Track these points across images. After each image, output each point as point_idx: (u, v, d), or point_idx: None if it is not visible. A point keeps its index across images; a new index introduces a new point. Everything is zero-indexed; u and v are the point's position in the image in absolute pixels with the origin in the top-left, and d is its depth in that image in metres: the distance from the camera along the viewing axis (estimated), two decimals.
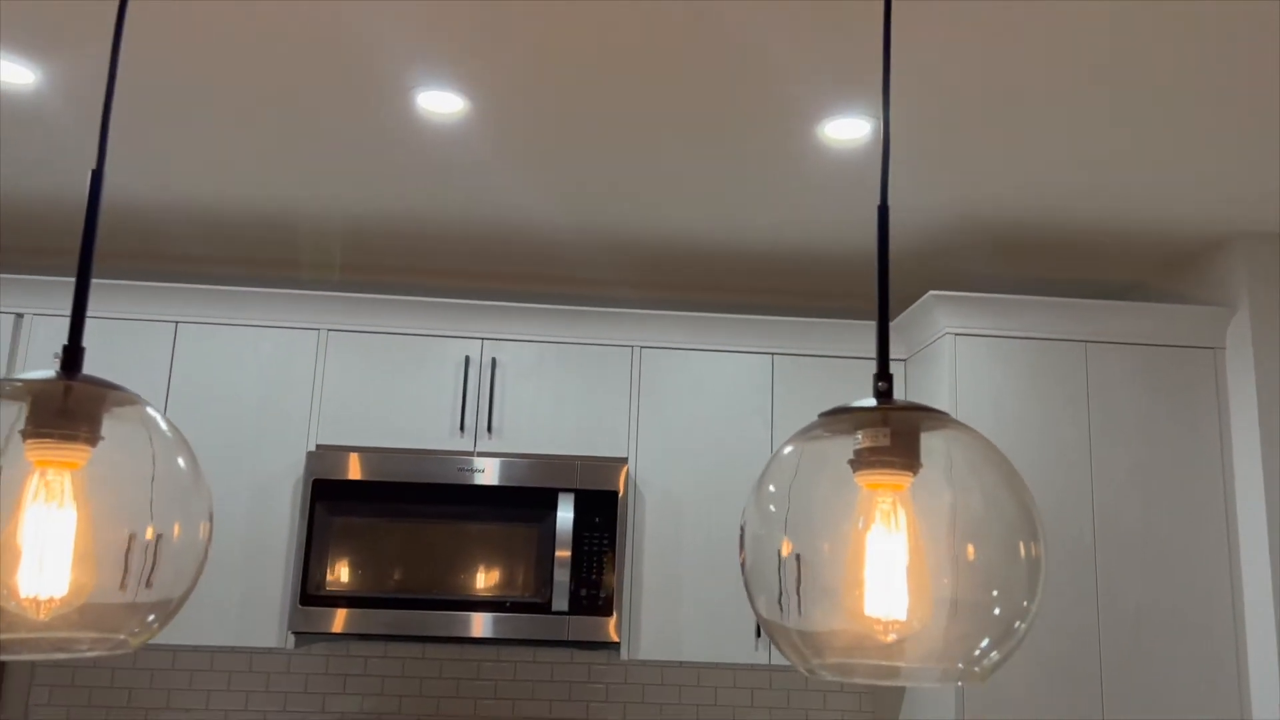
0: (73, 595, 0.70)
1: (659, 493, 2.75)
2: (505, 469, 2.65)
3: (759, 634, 2.67)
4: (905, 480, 0.74)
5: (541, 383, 2.80)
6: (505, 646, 2.96)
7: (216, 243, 2.86)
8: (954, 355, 2.55)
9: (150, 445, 0.74)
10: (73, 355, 0.75)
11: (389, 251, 2.88)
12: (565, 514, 2.63)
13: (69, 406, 0.71)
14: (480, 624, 2.55)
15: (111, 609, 0.71)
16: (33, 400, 0.71)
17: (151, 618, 0.72)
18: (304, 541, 2.57)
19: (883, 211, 0.81)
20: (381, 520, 2.60)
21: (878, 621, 0.71)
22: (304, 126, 2.12)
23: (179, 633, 2.56)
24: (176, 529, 0.73)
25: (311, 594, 2.54)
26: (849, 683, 2.28)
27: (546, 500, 2.64)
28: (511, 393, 2.79)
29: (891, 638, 0.70)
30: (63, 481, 0.71)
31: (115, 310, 2.72)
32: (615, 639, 2.57)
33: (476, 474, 2.65)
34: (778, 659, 2.67)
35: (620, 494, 2.66)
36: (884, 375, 0.77)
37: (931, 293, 2.55)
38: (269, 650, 2.90)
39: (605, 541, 2.63)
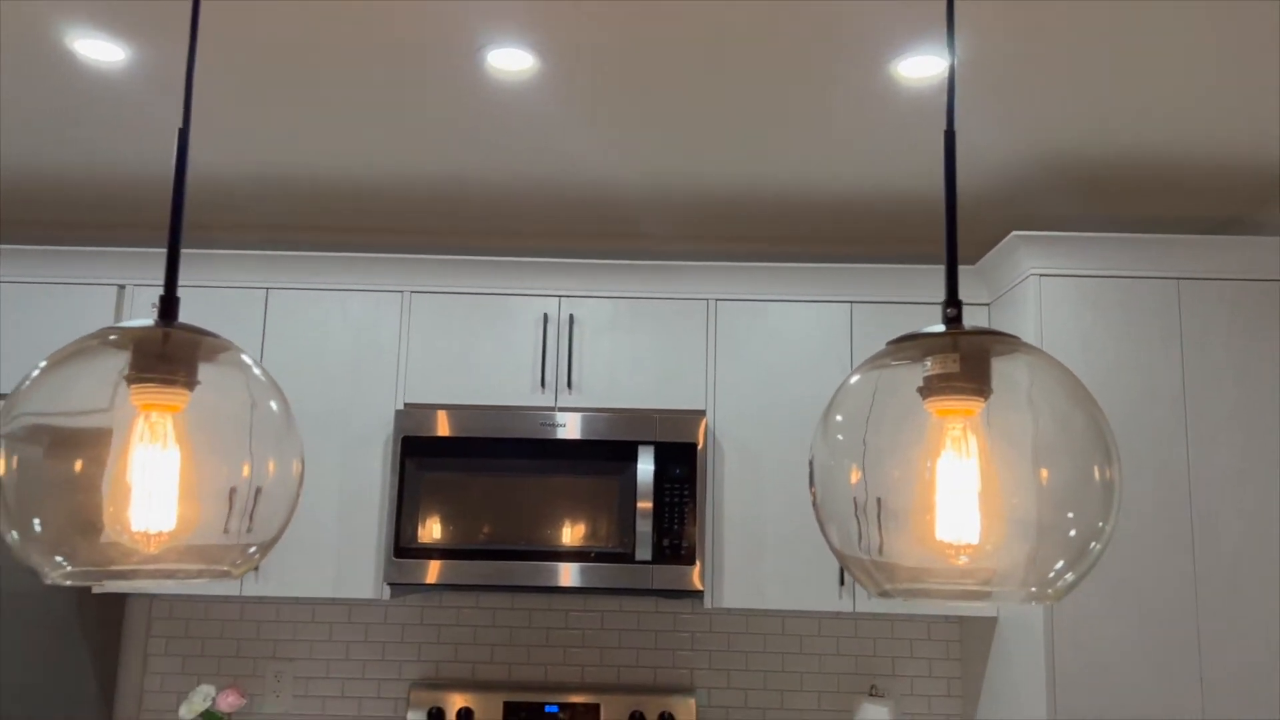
0: (179, 529, 0.75)
1: (738, 444, 2.76)
2: (585, 423, 2.70)
3: (843, 581, 2.68)
4: (976, 405, 0.74)
5: (619, 338, 2.83)
6: (592, 596, 3.02)
7: (301, 210, 2.95)
8: (1039, 297, 2.49)
9: (244, 388, 0.79)
10: (169, 305, 0.80)
11: (466, 213, 2.93)
12: (646, 466, 2.67)
13: (167, 352, 0.76)
14: (566, 574, 2.61)
15: (216, 541, 0.76)
16: (135, 347, 0.76)
17: (252, 549, 0.77)
18: (396, 496, 2.66)
19: (949, 136, 0.80)
20: (468, 475, 2.67)
21: (949, 546, 0.72)
22: (377, 91, 2.17)
23: (282, 586, 2.69)
24: (272, 466, 0.78)
25: (405, 547, 2.63)
26: (923, 606, 2.26)
27: (627, 453, 2.68)
28: (589, 348, 2.82)
29: (963, 561, 0.71)
30: (165, 423, 0.76)
31: (209, 279, 2.83)
32: (698, 587, 2.61)
33: (558, 429, 2.70)
34: (863, 606, 2.68)
35: (699, 446, 2.68)
36: (953, 301, 0.76)
37: (1014, 233, 2.48)
38: (367, 602, 3.01)
39: (686, 492, 2.65)
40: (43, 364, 0.77)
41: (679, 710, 2.87)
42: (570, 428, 2.70)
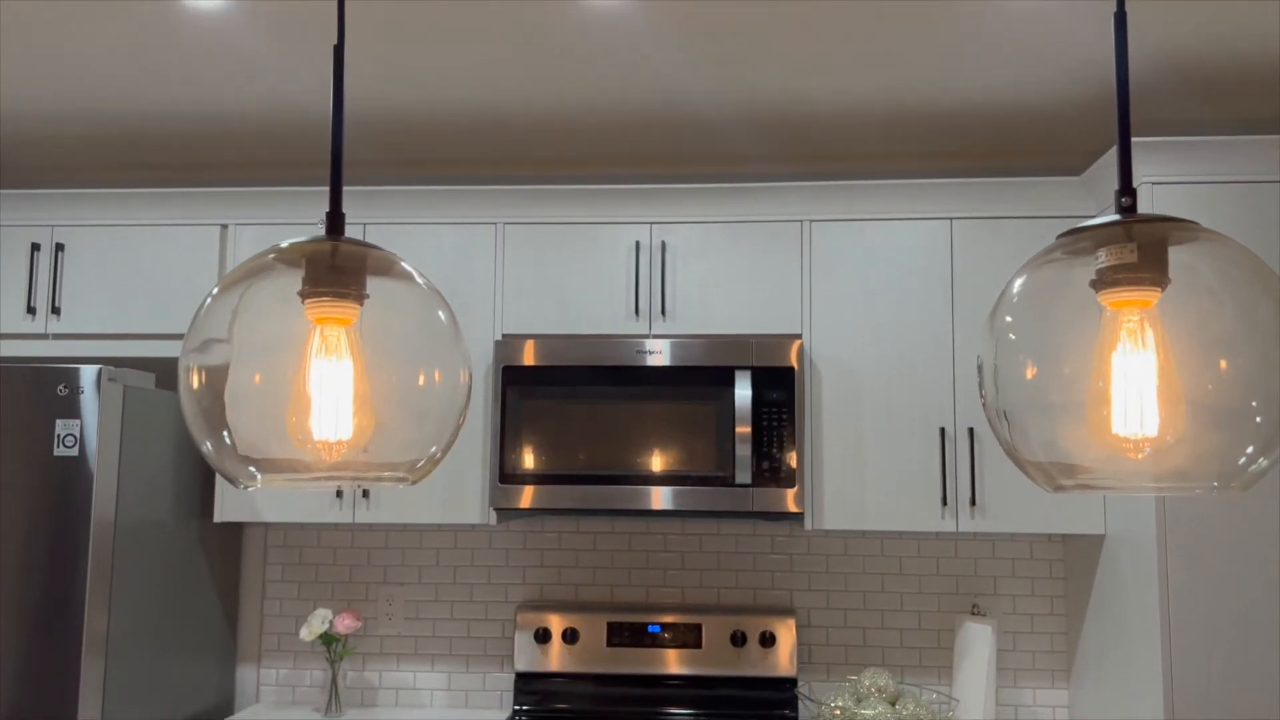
0: (357, 438, 0.77)
1: (836, 366, 2.74)
2: (681, 350, 2.70)
3: (945, 501, 2.66)
4: (1152, 296, 0.72)
5: (712, 263, 2.81)
6: (690, 520, 3.06)
7: (393, 146, 2.97)
8: (1151, 206, 2.40)
9: (412, 299, 0.80)
10: (335, 220, 0.81)
11: (557, 142, 2.92)
12: (743, 391, 2.67)
13: (338, 265, 0.77)
14: (666, 497, 2.64)
15: (393, 448, 0.78)
16: (307, 262, 0.78)
17: (428, 455, 0.79)
18: (499, 425, 2.71)
19: (1119, 18, 0.76)
20: (568, 403, 2.71)
21: (1127, 440, 0.70)
22: (467, 20, 2.16)
23: (393, 513, 2.77)
24: (438, 375, 0.80)
25: (509, 473, 2.69)
26: (1098, 493, 2.22)
27: (724, 378, 2.68)
28: (682, 275, 2.82)
29: (1143, 455, 0.69)
30: (339, 336, 0.78)
31: (307, 215, 2.89)
32: (798, 510, 2.62)
33: (653, 355, 2.71)
34: (965, 526, 2.66)
35: (796, 369, 2.67)
36: (1127, 190, 0.74)
37: None
38: (472, 527, 3.10)
39: (784, 416, 2.65)
40: (220, 283, 0.80)
41: (780, 630, 2.91)
42: (665, 354, 2.71)
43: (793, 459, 2.63)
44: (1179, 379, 0.71)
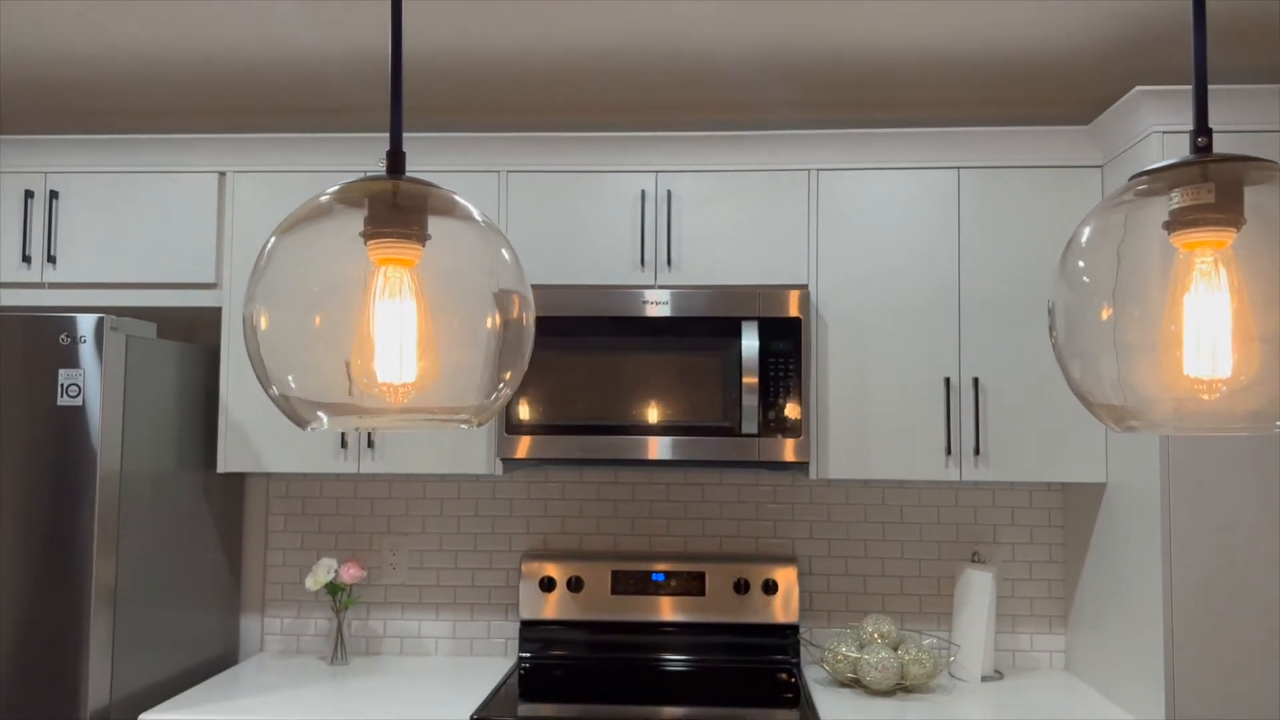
0: (422, 380, 0.76)
1: (842, 316, 2.74)
2: (687, 300, 2.69)
3: (949, 451, 2.68)
4: (1227, 237, 0.72)
5: (718, 213, 2.79)
6: (693, 470, 3.08)
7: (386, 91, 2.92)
8: (1162, 156, 2.39)
9: (474, 238, 0.79)
10: (396, 159, 0.80)
11: (561, 89, 2.88)
12: (750, 342, 2.67)
13: (400, 204, 0.76)
14: (673, 447, 2.65)
15: (457, 390, 0.77)
16: (370, 202, 0.76)
17: (498, 391, 0.78)
18: None
19: None
20: (573, 354, 2.70)
21: (1200, 381, 0.71)
22: None
23: (399, 463, 2.77)
24: (498, 317, 0.79)
25: (515, 424, 2.69)
26: (1172, 434, 2.24)
27: (730, 329, 2.68)
28: (689, 224, 2.80)
29: (1216, 395, 0.70)
30: (402, 277, 0.77)
31: (322, 164, 2.84)
32: (803, 460, 2.63)
33: (659, 306, 2.70)
34: (969, 475, 2.69)
35: (802, 320, 2.67)
36: (1202, 130, 0.73)
37: (1139, 88, 2.38)
38: (475, 478, 3.10)
39: (790, 366, 2.66)
40: (283, 226, 0.78)
41: (782, 578, 2.94)
42: (671, 305, 2.70)
43: (798, 409, 2.64)
44: (1253, 319, 0.71)
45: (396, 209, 0.76)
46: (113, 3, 2.34)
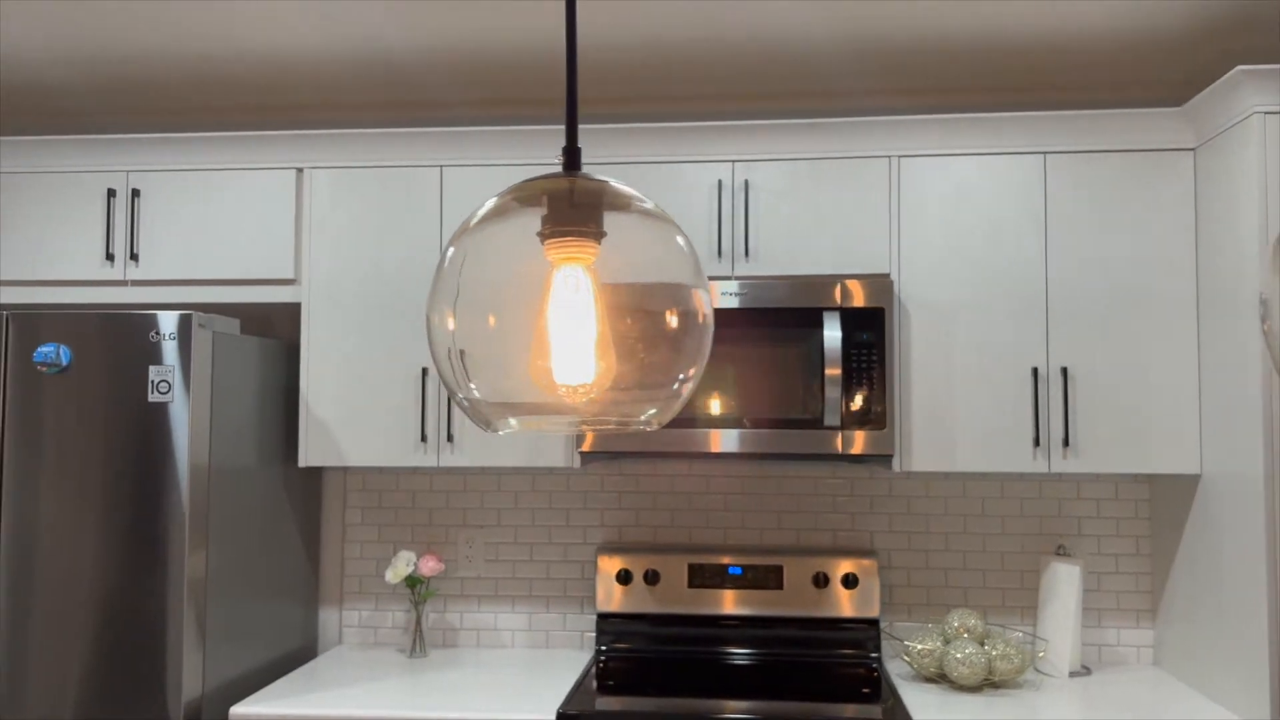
0: (601, 379, 0.75)
1: (925, 306, 2.70)
2: (765, 291, 2.66)
3: (1037, 443, 2.63)
4: None
5: (796, 201, 2.75)
6: (768, 462, 3.05)
7: (472, 85, 2.91)
8: (1264, 138, 2.32)
9: (650, 233, 0.77)
10: (572, 156, 0.78)
11: (637, 79, 2.85)
12: (831, 332, 2.63)
13: (577, 202, 0.74)
14: (755, 440, 2.62)
15: (637, 389, 0.75)
16: (549, 200, 0.75)
17: (674, 395, 0.76)
18: None
19: None
20: None
21: None
22: None
23: (479, 456, 2.77)
24: (676, 312, 0.77)
25: None
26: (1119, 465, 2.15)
27: (810, 319, 2.64)
28: (766, 214, 2.76)
29: None
30: (580, 275, 0.75)
31: (387, 159, 2.84)
32: (888, 452, 2.59)
33: (737, 297, 2.67)
34: (1057, 466, 2.63)
35: (885, 310, 2.63)
36: None
37: (1240, 68, 2.30)
38: (549, 471, 3.10)
39: (874, 357, 2.62)
40: (464, 226, 0.77)
41: (862, 572, 2.91)
42: (750, 296, 2.67)
43: (881, 401, 2.60)
44: None
45: (574, 206, 0.74)
46: (191, 4, 2.35)
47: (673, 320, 0.75)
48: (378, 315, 2.83)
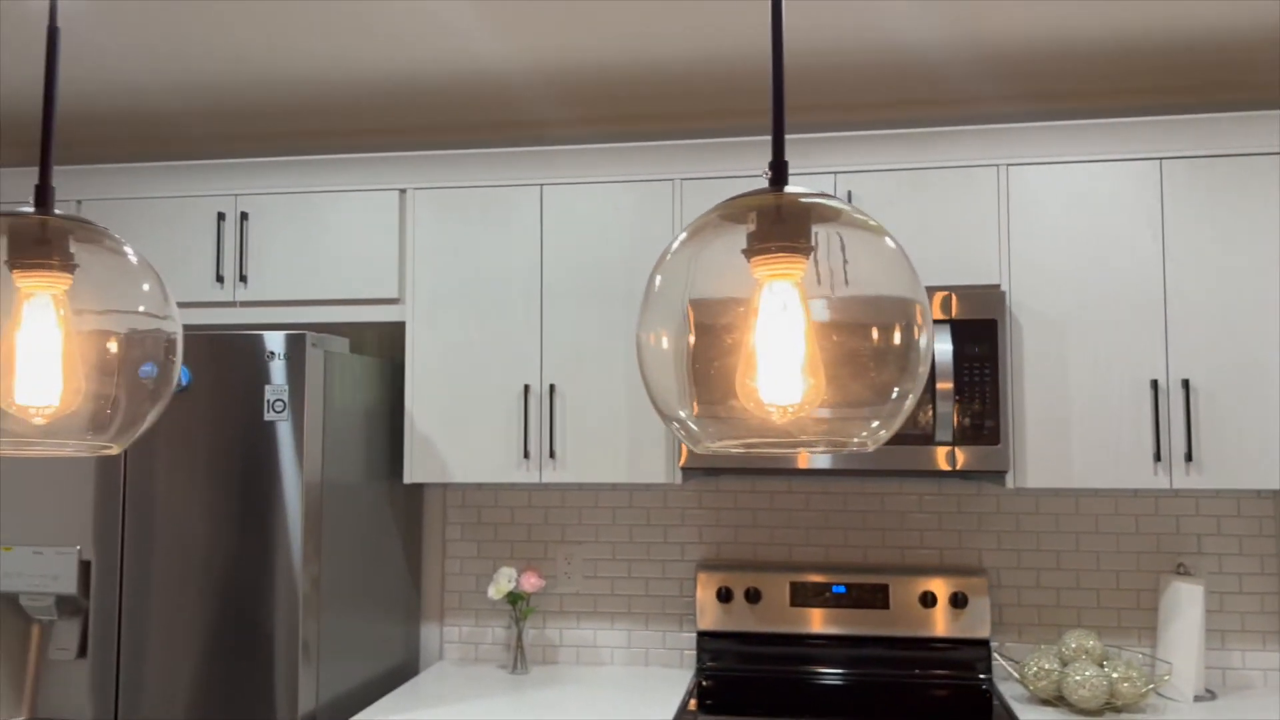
0: (809, 399, 0.73)
1: (1038, 318, 2.63)
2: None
3: (1158, 458, 2.54)
4: None
5: (901, 212, 2.71)
6: (870, 479, 2.99)
7: (565, 104, 2.93)
8: None
9: (867, 246, 0.75)
10: (779, 170, 0.76)
11: (739, 93, 2.84)
12: (943, 345, 2.58)
13: (783, 217, 0.73)
14: (865, 457, 2.57)
15: (847, 410, 0.73)
16: (757, 217, 0.73)
17: (891, 411, 0.74)
18: None
19: None
20: None
21: None
22: None
23: (579, 473, 2.77)
24: (892, 328, 0.75)
25: None
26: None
27: None
28: None
29: None
30: (789, 292, 0.73)
31: (483, 179, 2.87)
32: (1003, 468, 2.53)
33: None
34: (1180, 483, 2.54)
35: (997, 321, 2.57)
36: None
37: None
38: (646, 487, 3.09)
39: (985, 370, 2.56)
40: (669, 248, 0.76)
41: (971, 591, 2.84)
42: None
43: (995, 415, 2.54)
44: None
45: (780, 223, 0.73)
46: (298, 31, 2.40)
47: (884, 336, 0.73)
48: (480, 333, 2.85)
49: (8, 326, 0.78)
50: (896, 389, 0.74)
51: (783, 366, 0.72)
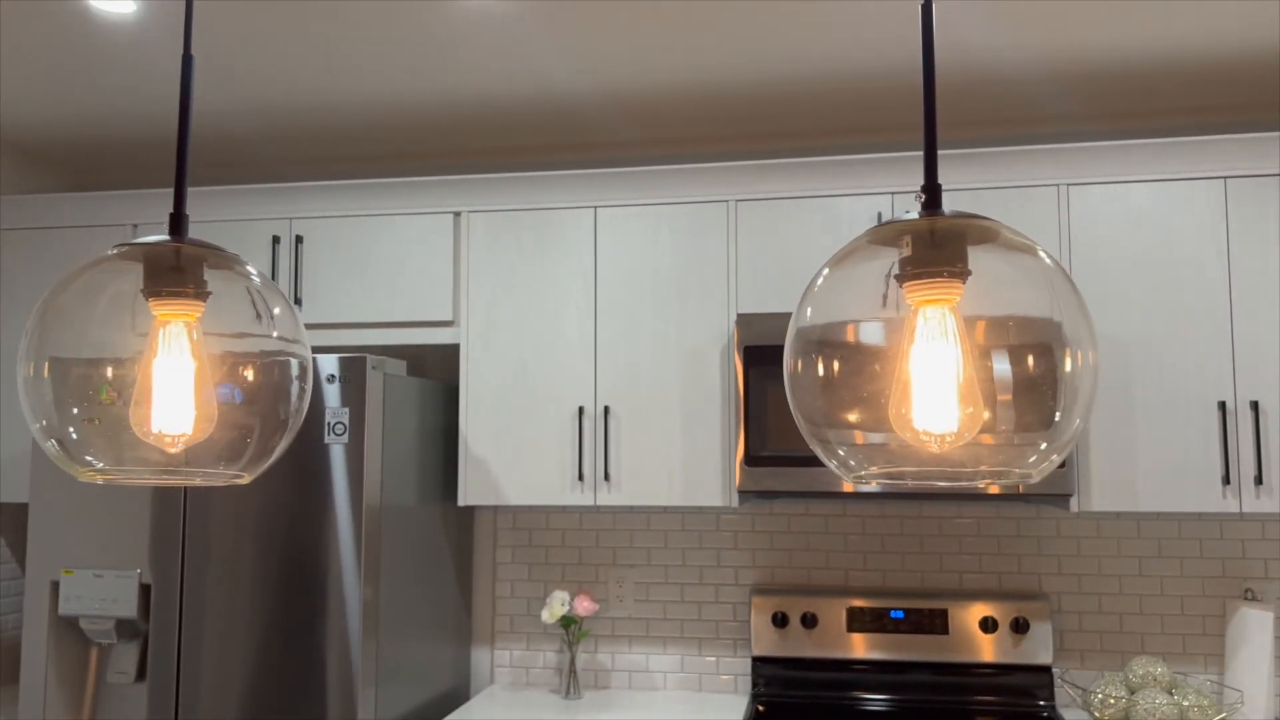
0: (965, 428, 0.71)
1: (1103, 339, 2.59)
2: None
3: (1227, 480, 2.49)
4: None
5: None
6: (928, 503, 2.96)
7: (623, 124, 2.93)
8: None
9: (1021, 272, 0.74)
10: (933, 193, 0.75)
11: (792, 115, 2.84)
12: (1000, 365, 2.54)
13: (938, 243, 0.71)
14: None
15: (1002, 440, 0.72)
16: (913, 241, 0.72)
17: (1051, 444, 0.72)
18: (743, 406, 2.65)
19: None
20: None
21: None
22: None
23: (634, 496, 2.75)
24: (1051, 356, 0.73)
25: (755, 455, 2.63)
26: None
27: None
28: None
29: None
30: (942, 317, 0.72)
31: (541, 201, 2.87)
32: (1068, 491, 2.49)
33: None
34: (1250, 507, 2.49)
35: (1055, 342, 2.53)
36: None
37: None
38: (698, 510, 3.06)
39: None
40: (820, 271, 0.75)
41: (1032, 616, 2.79)
42: None
43: None
44: None
45: (934, 246, 0.71)
46: (353, 56, 2.42)
47: (1043, 365, 0.72)
48: (534, 356, 2.85)
49: (145, 355, 0.78)
50: (1060, 414, 0.72)
51: (938, 394, 0.71)
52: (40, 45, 2.37)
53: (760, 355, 2.67)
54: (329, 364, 2.49)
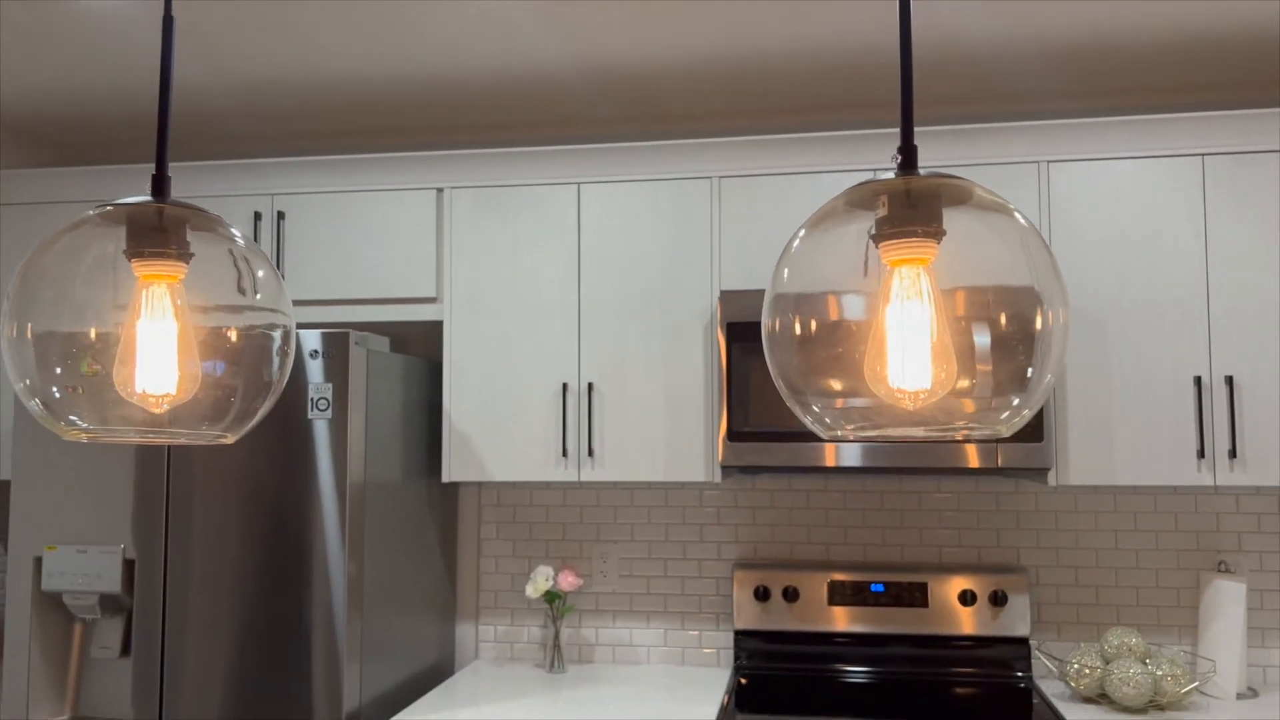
0: (937, 386, 0.73)
1: (1079, 315, 2.62)
2: None
3: (1202, 454, 2.53)
4: None
5: None
6: (907, 477, 2.99)
7: (606, 102, 2.93)
8: None
9: (994, 231, 0.75)
10: (909, 154, 0.76)
11: (776, 91, 2.84)
12: (974, 323, 2.56)
13: (913, 202, 0.73)
14: (910, 454, 2.57)
15: (976, 397, 0.73)
16: (889, 201, 0.73)
17: (1023, 401, 0.74)
18: (725, 381, 2.67)
19: None
20: None
21: None
22: None
23: (617, 471, 2.77)
24: (1022, 317, 0.74)
25: (738, 430, 2.65)
26: None
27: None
28: None
29: None
30: (917, 278, 0.73)
31: (525, 177, 2.87)
32: (1046, 465, 2.52)
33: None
34: (1224, 480, 2.53)
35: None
36: None
37: None
38: (681, 485, 3.09)
39: None
40: (795, 235, 0.76)
41: (1010, 589, 2.83)
42: None
43: (1041, 412, 2.53)
44: None
45: (910, 206, 0.73)
46: (336, 31, 2.41)
47: (1016, 325, 0.73)
48: (517, 332, 2.85)
49: (128, 315, 0.78)
50: (1032, 370, 0.74)
51: (913, 352, 0.72)
52: (19, 17, 2.34)
53: (743, 331, 2.68)
54: (312, 339, 2.49)
